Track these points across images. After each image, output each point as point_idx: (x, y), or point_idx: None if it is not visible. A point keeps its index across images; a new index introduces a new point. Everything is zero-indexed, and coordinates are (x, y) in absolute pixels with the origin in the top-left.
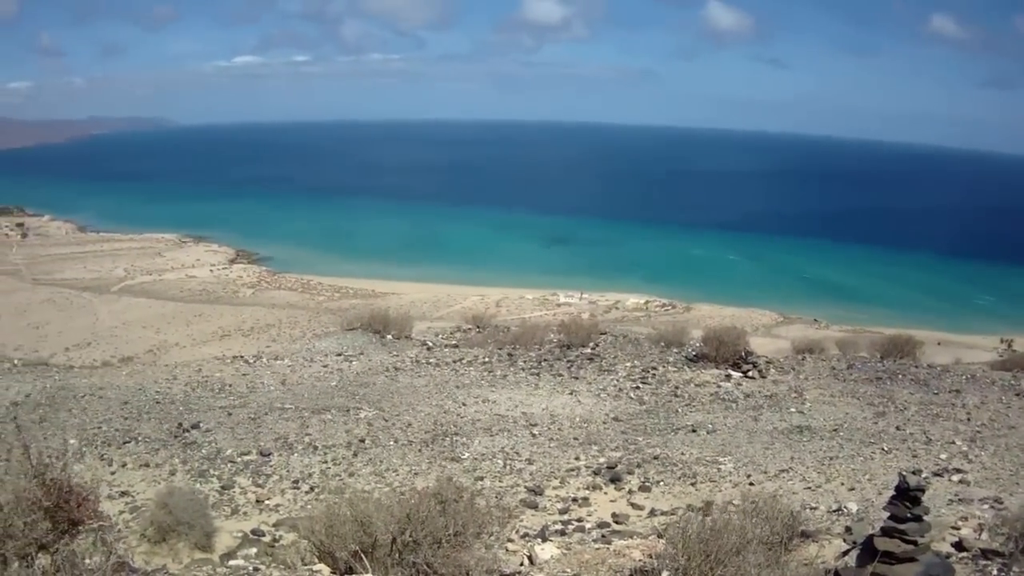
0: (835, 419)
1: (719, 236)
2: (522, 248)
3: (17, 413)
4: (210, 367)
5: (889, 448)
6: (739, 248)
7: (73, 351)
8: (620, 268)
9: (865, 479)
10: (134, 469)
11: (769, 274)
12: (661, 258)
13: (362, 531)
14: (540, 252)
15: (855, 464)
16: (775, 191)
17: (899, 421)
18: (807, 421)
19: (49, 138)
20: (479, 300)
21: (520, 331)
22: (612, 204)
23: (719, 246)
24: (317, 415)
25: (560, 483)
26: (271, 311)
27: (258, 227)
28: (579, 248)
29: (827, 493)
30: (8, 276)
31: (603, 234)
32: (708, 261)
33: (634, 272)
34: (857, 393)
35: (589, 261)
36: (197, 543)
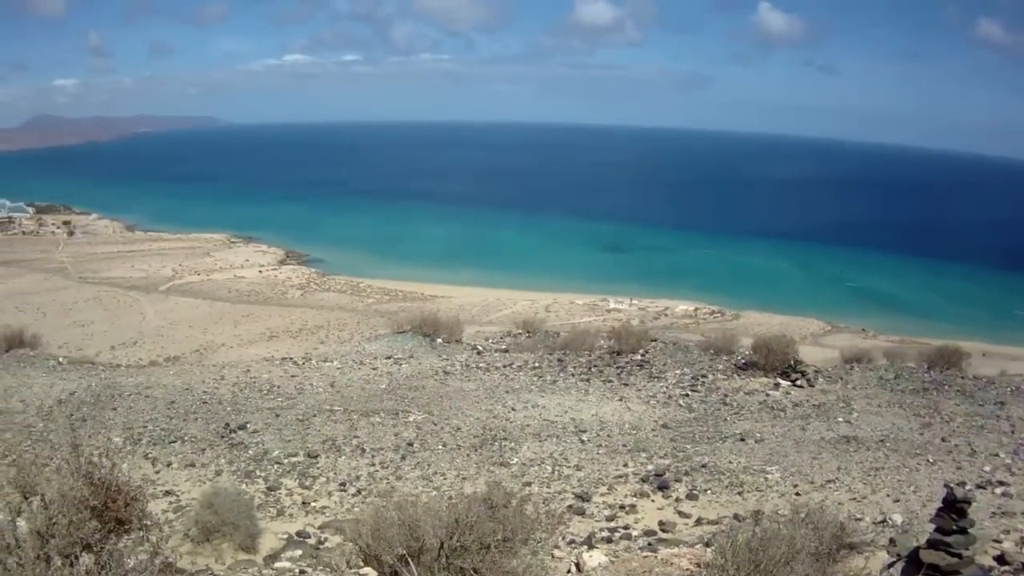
0: (882, 429)
1: (767, 243)
2: (572, 253)
3: (62, 411)
4: (258, 368)
5: (934, 459)
6: (787, 255)
7: (119, 350)
8: (669, 274)
9: (910, 491)
10: (179, 469)
11: (817, 282)
12: (710, 264)
13: (410, 535)
14: (590, 257)
15: (900, 475)
16: (823, 198)
17: (944, 432)
18: (854, 431)
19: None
20: (529, 305)
21: (570, 336)
22: (662, 210)
23: (767, 253)
24: (366, 418)
25: (608, 490)
26: (320, 313)
27: (308, 228)
28: (629, 254)
29: (872, 504)
30: (54, 274)
31: (653, 240)
32: (756, 268)
33: (683, 278)
34: (904, 403)
35: (638, 267)
36: (241, 544)
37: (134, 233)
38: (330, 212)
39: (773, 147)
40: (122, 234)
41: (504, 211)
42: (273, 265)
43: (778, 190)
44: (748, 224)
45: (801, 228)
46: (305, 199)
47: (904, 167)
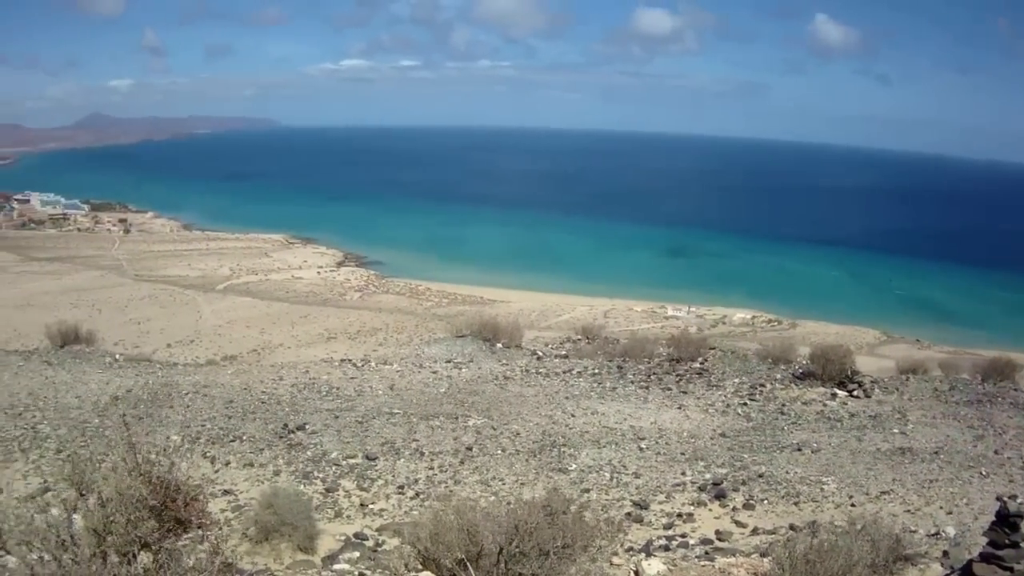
0: (936, 441)
1: (824, 252)
2: (630, 259)
3: (118, 408)
4: (317, 369)
5: (987, 472)
6: (842, 264)
7: (175, 348)
8: (726, 281)
9: (963, 503)
10: (238, 468)
11: (871, 291)
12: (767, 272)
13: (468, 539)
14: (648, 263)
15: (954, 488)
16: (879, 208)
17: (997, 445)
18: (909, 443)
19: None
20: (587, 311)
21: (630, 344)
22: (719, 217)
23: (823, 261)
24: (425, 421)
25: (666, 498)
26: (378, 315)
27: (367, 231)
28: (687, 260)
29: (926, 516)
30: (110, 271)
31: (711, 246)
32: (812, 276)
33: (740, 286)
34: (957, 415)
35: (696, 274)
36: (299, 545)
37: (191, 232)
38: (389, 215)
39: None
40: (179, 233)
41: (563, 216)
42: (332, 267)
43: (832, 198)
44: (803, 232)
45: (855, 236)
46: (364, 201)
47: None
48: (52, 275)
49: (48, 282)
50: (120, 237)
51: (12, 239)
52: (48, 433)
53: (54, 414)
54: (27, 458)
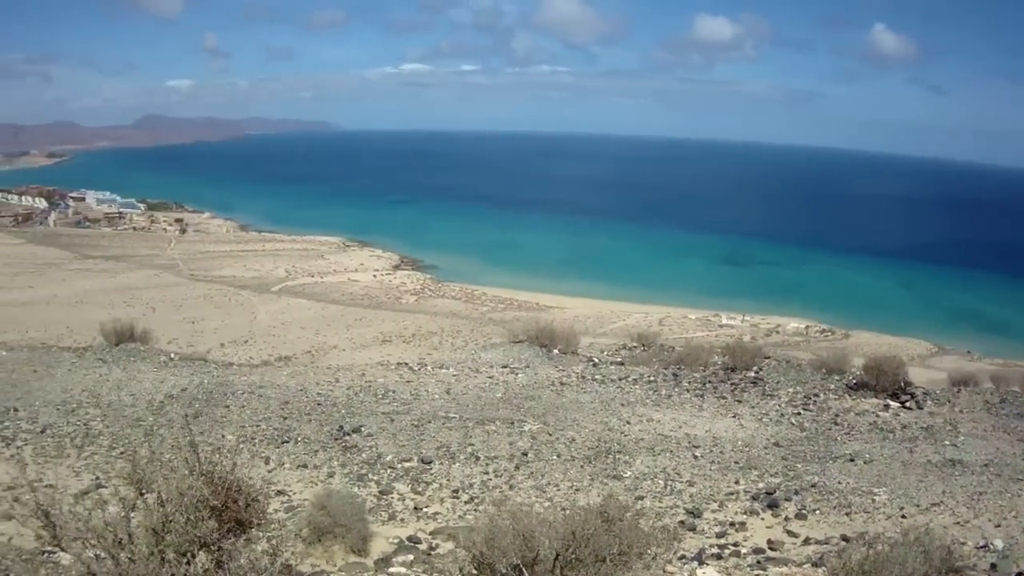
0: (986, 453)
1: (877, 261)
2: (686, 267)
3: (173, 407)
4: (373, 372)
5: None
6: (897, 275)
7: (228, 348)
8: (780, 290)
9: (1011, 516)
10: (291, 469)
11: (922, 302)
12: (821, 282)
13: (524, 545)
14: (703, 272)
15: (1003, 500)
16: (931, 217)
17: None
18: (960, 455)
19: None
20: (642, 318)
21: (685, 351)
22: (774, 226)
23: (877, 272)
24: (481, 426)
25: (719, 506)
26: (433, 319)
27: (423, 235)
28: (741, 269)
29: (975, 528)
30: (165, 270)
31: (765, 256)
32: (866, 287)
33: (794, 295)
34: (1008, 428)
35: (750, 283)
36: (352, 546)
37: (247, 233)
38: (446, 219)
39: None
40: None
41: (619, 223)
42: (388, 270)
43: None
44: (856, 241)
45: (908, 246)
46: (421, 205)
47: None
48: (106, 273)
49: (102, 280)
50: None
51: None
52: (100, 430)
53: (107, 411)
54: (79, 454)
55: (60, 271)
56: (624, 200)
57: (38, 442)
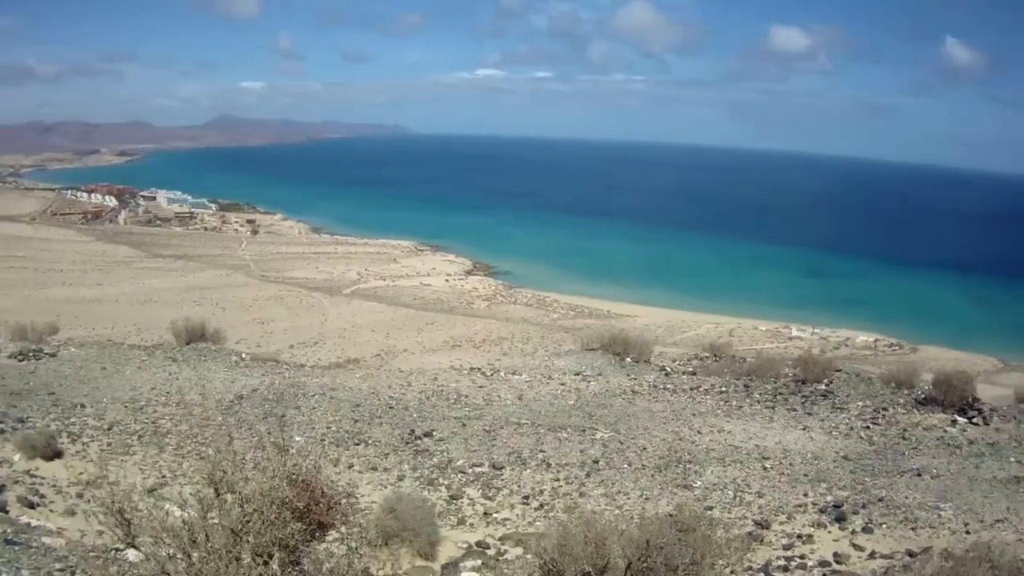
0: None
1: (947, 276)
2: (756, 278)
3: (244, 407)
4: (446, 376)
5: None
6: (966, 290)
7: (298, 349)
8: (851, 304)
9: None
10: (361, 472)
11: (992, 319)
12: (890, 296)
13: (595, 552)
14: (774, 283)
15: None
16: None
17: None
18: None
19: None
20: (713, 328)
21: (756, 363)
22: (847, 239)
23: (947, 286)
24: (553, 433)
25: (787, 519)
26: (504, 325)
27: (496, 240)
28: (812, 282)
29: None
30: (236, 271)
31: (836, 268)
32: (935, 301)
33: (864, 309)
34: None
35: (821, 295)
36: (420, 550)
37: (320, 235)
38: (518, 225)
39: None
40: (307, 236)
41: (691, 232)
42: (460, 275)
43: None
44: (927, 255)
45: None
46: (494, 211)
47: None
48: (176, 272)
49: (172, 279)
50: (247, 237)
51: (137, 235)
52: (169, 428)
53: (176, 410)
54: (146, 452)
55: (129, 269)
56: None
57: (104, 439)
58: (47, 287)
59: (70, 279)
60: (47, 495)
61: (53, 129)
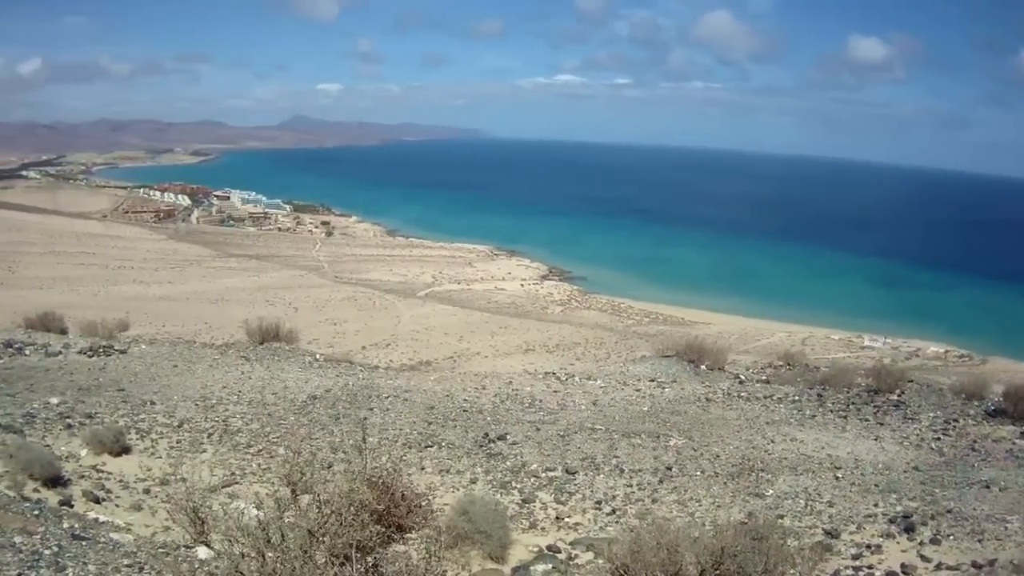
0: None
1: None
2: (830, 287)
3: (317, 407)
4: (520, 380)
5: None
6: None
7: (370, 350)
8: (923, 314)
9: None
10: (433, 474)
11: None
12: (962, 307)
13: (668, 559)
14: (847, 293)
15: None
16: None
17: None
18: None
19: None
20: (786, 337)
21: (830, 372)
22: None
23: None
24: (626, 439)
25: (856, 528)
26: (578, 330)
27: (572, 246)
28: (886, 292)
29: None
30: (309, 271)
31: (909, 278)
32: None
33: (935, 319)
34: None
35: (893, 305)
36: (491, 553)
37: (394, 238)
38: (594, 230)
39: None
40: (382, 238)
41: (766, 240)
42: (535, 279)
43: None
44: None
45: None
46: (570, 215)
47: None
48: (249, 272)
49: (245, 278)
50: (322, 239)
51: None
52: (240, 427)
53: (247, 408)
54: (216, 450)
55: (201, 268)
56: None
57: (174, 436)
58: (117, 284)
59: (141, 277)
60: (113, 490)
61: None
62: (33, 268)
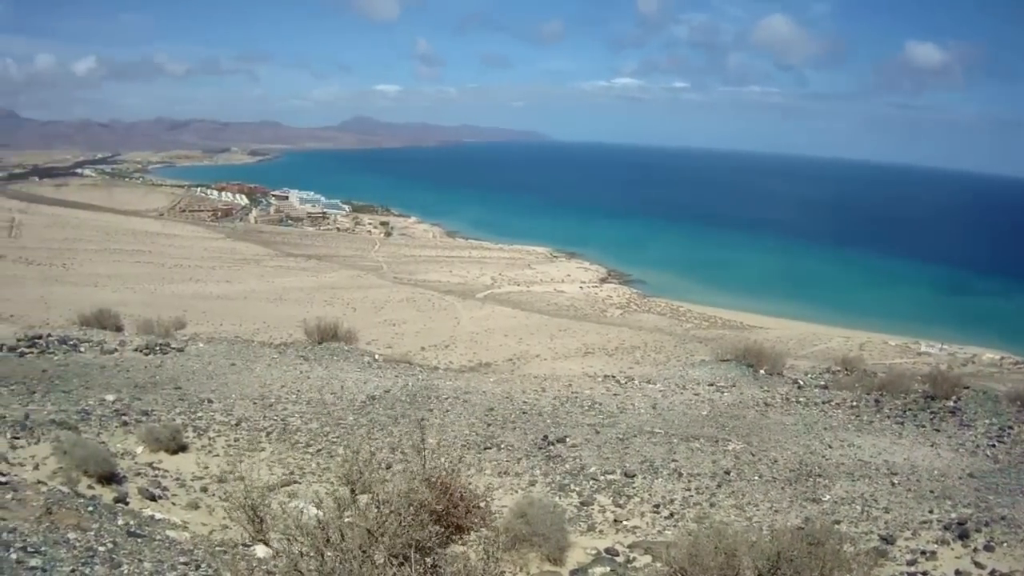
0: None
1: None
2: (888, 293)
3: (376, 408)
4: (580, 383)
5: None
6: None
7: (429, 351)
8: (979, 321)
9: None
10: (492, 476)
11: None
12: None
13: (725, 563)
14: (905, 298)
15: None
16: None
17: None
18: None
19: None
20: (843, 342)
21: (887, 378)
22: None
23: None
24: (685, 443)
25: (912, 535)
26: (637, 334)
27: (631, 249)
28: (942, 297)
29: None
30: (368, 272)
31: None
32: None
33: (992, 326)
34: None
35: (950, 311)
36: (549, 555)
37: (454, 239)
38: (653, 233)
39: None
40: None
41: (824, 245)
42: (594, 282)
43: None
44: None
45: None
46: (629, 218)
47: None
48: (307, 272)
49: (303, 278)
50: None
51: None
52: (298, 426)
53: (306, 408)
54: (274, 449)
55: (259, 267)
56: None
57: (231, 435)
58: (174, 282)
59: (197, 275)
60: (169, 488)
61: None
62: (88, 265)
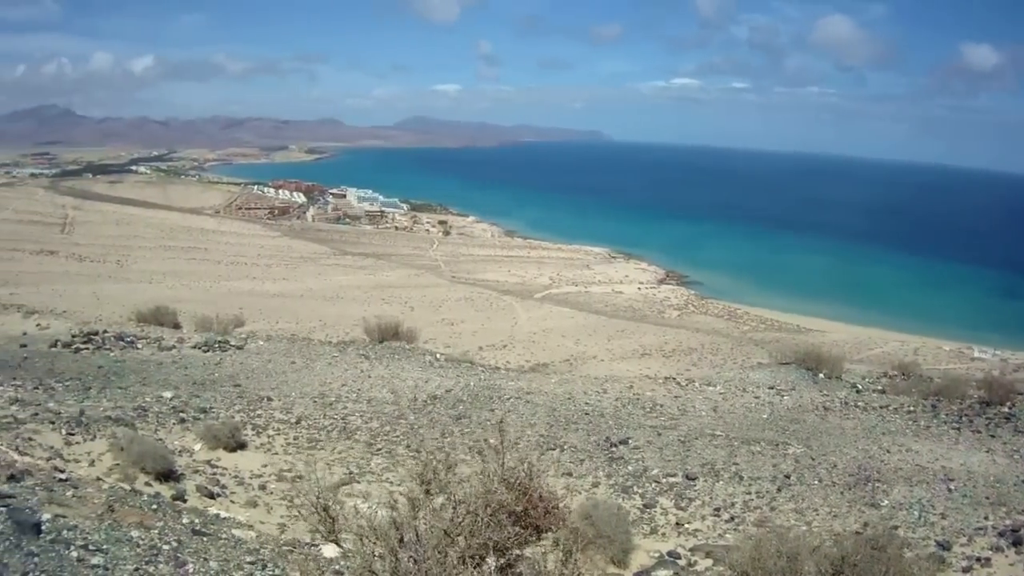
0: None
1: None
2: (944, 297)
3: (437, 407)
4: (641, 385)
5: None
6: None
7: (487, 351)
8: None
9: None
10: (555, 477)
11: None
12: None
13: (788, 567)
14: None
15: None
16: None
17: None
18: None
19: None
20: (899, 346)
21: (943, 383)
22: None
23: None
24: (746, 446)
25: (967, 541)
26: (694, 335)
27: (690, 250)
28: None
29: None
30: (425, 271)
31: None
32: None
33: None
34: None
35: (1005, 316)
36: (613, 557)
37: (512, 239)
38: (711, 234)
39: None
40: (500, 239)
41: (881, 248)
42: (652, 283)
43: None
44: None
45: None
46: (688, 220)
47: None
48: (364, 270)
49: (360, 276)
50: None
51: (324, 232)
52: (359, 425)
53: (366, 407)
54: (334, 448)
55: (316, 265)
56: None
57: (291, 433)
58: (230, 280)
59: (254, 273)
60: (228, 486)
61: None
62: (143, 262)
